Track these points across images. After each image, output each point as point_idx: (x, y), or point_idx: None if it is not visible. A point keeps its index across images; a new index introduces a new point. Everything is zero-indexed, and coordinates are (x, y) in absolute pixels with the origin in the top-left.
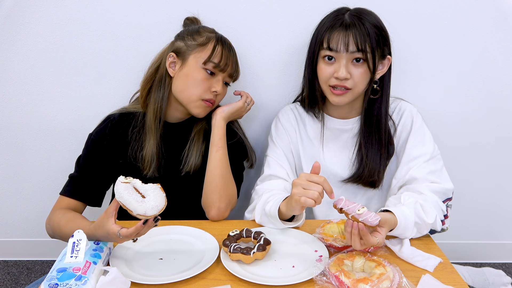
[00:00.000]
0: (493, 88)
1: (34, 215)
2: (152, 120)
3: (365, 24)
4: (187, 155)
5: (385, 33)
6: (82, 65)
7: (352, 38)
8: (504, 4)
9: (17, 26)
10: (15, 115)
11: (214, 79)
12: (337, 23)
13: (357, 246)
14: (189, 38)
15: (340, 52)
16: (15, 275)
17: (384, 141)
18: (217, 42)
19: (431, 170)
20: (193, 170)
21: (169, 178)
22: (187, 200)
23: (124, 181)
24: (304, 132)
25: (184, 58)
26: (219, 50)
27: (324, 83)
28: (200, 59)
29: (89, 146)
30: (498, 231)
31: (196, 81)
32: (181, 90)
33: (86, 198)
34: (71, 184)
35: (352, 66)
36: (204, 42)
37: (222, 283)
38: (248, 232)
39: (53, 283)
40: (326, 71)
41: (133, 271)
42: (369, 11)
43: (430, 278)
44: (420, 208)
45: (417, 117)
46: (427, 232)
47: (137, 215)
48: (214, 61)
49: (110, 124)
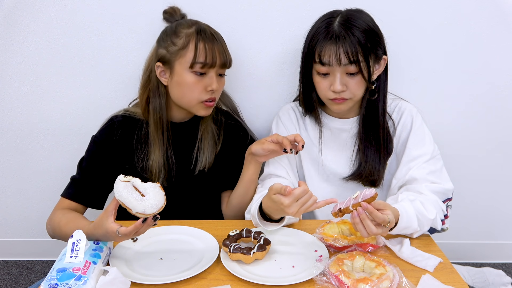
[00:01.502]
0: (493, 88)
1: (34, 215)
2: (154, 131)
3: (355, 34)
4: (199, 153)
5: (378, 34)
6: (82, 65)
7: (343, 52)
8: (504, 4)
9: (17, 26)
10: (15, 115)
11: (206, 78)
12: (327, 36)
13: (373, 230)
14: (169, 43)
15: (333, 66)
16: (15, 275)
17: (383, 140)
18: (197, 38)
19: (431, 170)
20: (207, 168)
21: (183, 180)
22: (203, 198)
23: (123, 180)
24: (305, 131)
25: (171, 66)
26: (202, 47)
27: (323, 96)
28: (186, 63)
29: (92, 148)
30: (498, 231)
31: (189, 87)
32: (178, 98)
33: (88, 201)
34: (73, 186)
35: (347, 78)
36: (184, 44)
37: (222, 283)
38: (248, 232)
39: (53, 283)
40: (322, 85)
41: (133, 271)
42: (359, 14)
43: (430, 278)
44: (420, 204)
45: (417, 117)
46: (427, 229)
47: (136, 213)
48: (200, 61)
49: (113, 126)
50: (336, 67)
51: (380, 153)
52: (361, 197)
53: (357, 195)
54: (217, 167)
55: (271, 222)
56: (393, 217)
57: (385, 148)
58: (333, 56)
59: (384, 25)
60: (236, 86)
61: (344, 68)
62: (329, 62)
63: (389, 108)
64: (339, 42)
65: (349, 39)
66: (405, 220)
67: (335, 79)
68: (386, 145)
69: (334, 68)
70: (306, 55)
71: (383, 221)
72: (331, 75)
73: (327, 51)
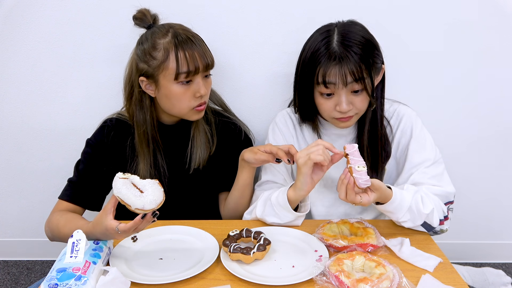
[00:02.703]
0: (493, 87)
1: (34, 215)
2: (139, 144)
3: (356, 51)
4: (192, 151)
5: (375, 46)
6: (82, 65)
7: (349, 71)
8: (503, 4)
9: (17, 26)
10: (15, 115)
11: (193, 85)
12: (330, 57)
13: (341, 195)
14: (149, 57)
15: (338, 87)
16: (15, 275)
17: (380, 145)
18: (176, 48)
19: (432, 175)
20: (202, 166)
21: (178, 181)
22: (200, 197)
23: (122, 177)
24: (302, 137)
25: (155, 80)
26: (182, 56)
27: (327, 116)
28: (169, 76)
29: (88, 151)
30: (498, 231)
31: (178, 97)
32: (168, 109)
33: (85, 203)
34: (70, 188)
35: (352, 96)
36: (164, 57)
37: (222, 283)
38: (248, 232)
39: (53, 283)
40: (327, 106)
41: (133, 271)
42: (354, 27)
43: (430, 278)
44: (419, 197)
45: (416, 122)
46: (420, 223)
47: (135, 209)
48: (183, 71)
49: (107, 129)
50: (342, 88)
51: (378, 158)
52: (356, 175)
53: (360, 171)
54: (212, 165)
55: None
56: (367, 201)
57: (382, 153)
58: (338, 77)
59: (381, 25)
60: (235, 91)
61: (349, 86)
62: (334, 83)
63: (387, 113)
64: (343, 63)
65: (352, 58)
66: (395, 206)
67: (341, 100)
68: (384, 149)
69: (339, 88)
70: (305, 75)
71: (352, 200)
72: (336, 95)
73: (332, 72)
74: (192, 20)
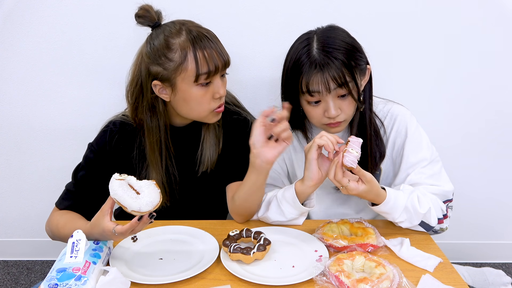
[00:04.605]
0: (492, 87)
1: (34, 215)
2: (150, 153)
3: (337, 57)
4: (202, 154)
5: (357, 49)
6: (82, 65)
7: (331, 78)
8: (502, 3)
9: (17, 26)
10: (15, 115)
11: (213, 85)
12: (311, 65)
13: (330, 175)
14: (163, 59)
15: (323, 94)
16: (15, 275)
17: (372, 145)
18: (194, 48)
19: (429, 174)
20: (210, 169)
21: (186, 183)
22: (206, 197)
23: (118, 178)
24: (297, 140)
25: (171, 84)
26: (201, 55)
27: (317, 123)
28: (189, 78)
29: (90, 156)
30: (498, 231)
31: (197, 100)
32: (186, 113)
33: (83, 213)
34: (67, 197)
35: (339, 101)
36: (182, 58)
37: (222, 283)
38: (248, 232)
39: (53, 283)
40: (315, 113)
41: (133, 271)
42: (334, 32)
43: (430, 278)
44: (416, 197)
45: (411, 122)
46: (418, 223)
47: (132, 211)
48: (204, 72)
49: (110, 134)
50: (327, 94)
51: (371, 158)
52: (345, 153)
53: (351, 152)
54: (220, 165)
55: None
56: (355, 189)
57: (376, 152)
58: (321, 84)
59: (381, 25)
60: (234, 88)
61: (334, 92)
62: (318, 91)
63: (381, 113)
64: (324, 70)
65: (333, 64)
66: (390, 206)
67: (329, 106)
68: (378, 149)
69: (324, 95)
70: (290, 85)
71: (338, 179)
72: (323, 102)
73: (315, 80)
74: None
